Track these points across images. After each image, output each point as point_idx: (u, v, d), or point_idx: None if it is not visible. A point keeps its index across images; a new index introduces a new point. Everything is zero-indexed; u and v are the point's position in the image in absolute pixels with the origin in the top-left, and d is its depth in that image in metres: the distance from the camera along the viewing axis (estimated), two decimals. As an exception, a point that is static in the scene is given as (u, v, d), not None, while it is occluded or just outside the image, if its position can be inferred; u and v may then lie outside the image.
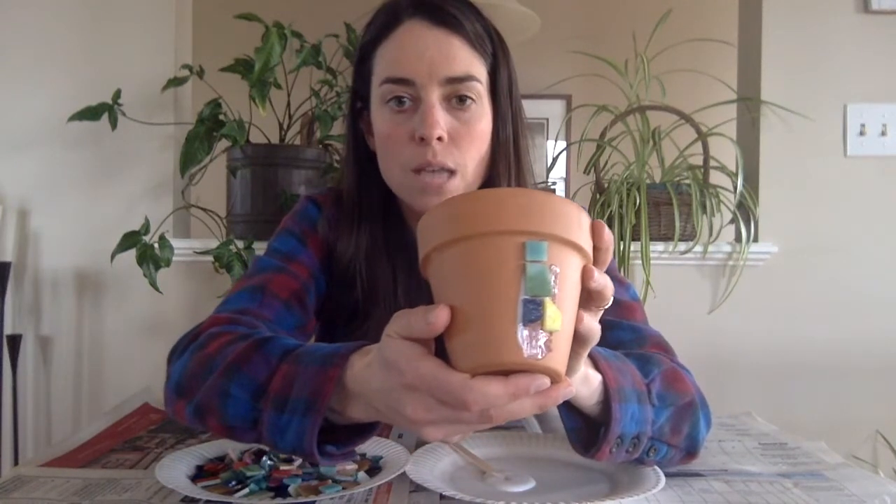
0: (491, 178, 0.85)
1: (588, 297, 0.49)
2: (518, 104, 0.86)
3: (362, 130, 0.89)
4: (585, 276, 0.48)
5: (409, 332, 0.47)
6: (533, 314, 0.43)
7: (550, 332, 0.43)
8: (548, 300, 0.43)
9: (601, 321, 0.52)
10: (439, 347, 0.47)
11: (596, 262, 0.49)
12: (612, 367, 0.62)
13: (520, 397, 0.45)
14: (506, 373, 0.44)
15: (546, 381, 0.45)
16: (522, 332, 0.43)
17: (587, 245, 0.47)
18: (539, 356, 0.43)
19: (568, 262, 0.46)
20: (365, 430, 0.61)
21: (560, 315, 0.44)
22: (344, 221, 0.90)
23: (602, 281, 0.49)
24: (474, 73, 0.80)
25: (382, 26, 0.82)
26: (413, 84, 0.78)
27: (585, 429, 0.65)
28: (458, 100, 0.79)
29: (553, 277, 0.44)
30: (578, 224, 0.47)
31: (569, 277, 0.46)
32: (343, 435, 0.60)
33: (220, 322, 0.73)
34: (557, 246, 0.45)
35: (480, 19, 0.82)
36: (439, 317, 0.45)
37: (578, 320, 0.48)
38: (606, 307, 0.51)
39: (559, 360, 0.45)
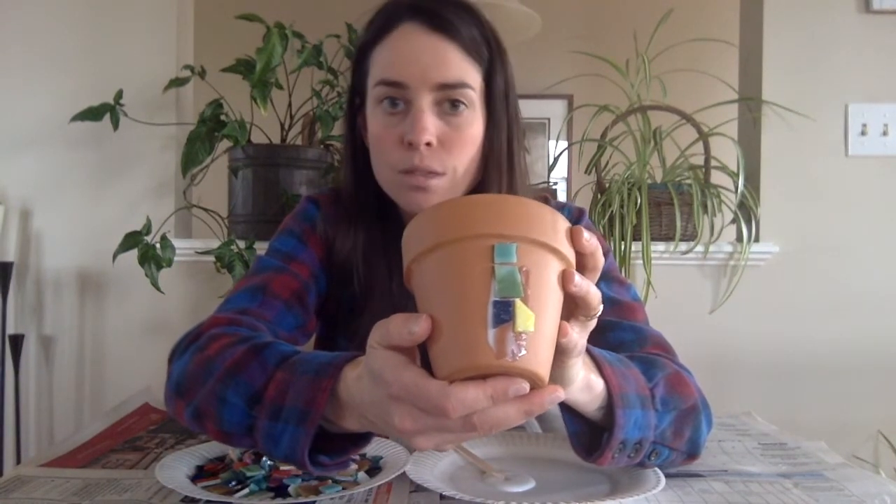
0: (483, 183, 0.85)
1: (574, 305, 0.48)
2: (514, 110, 0.86)
3: (360, 127, 0.90)
4: (565, 280, 0.47)
5: (388, 342, 0.47)
6: (503, 315, 0.43)
7: (524, 334, 0.43)
8: (518, 301, 0.43)
9: (601, 321, 0.52)
10: (425, 357, 0.47)
11: (584, 268, 0.49)
12: (617, 373, 0.61)
13: (499, 401, 0.44)
14: (484, 378, 0.44)
15: (524, 384, 0.44)
16: (493, 335, 0.43)
17: (565, 249, 0.47)
18: (512, 358, 0.43)
19: (541, 263, 0.45)
20: (359, 439, 0.61)
21: (532, 316, 0.43)
22: (342, 219, 0.90)
23: (584, 286, 0.47)
24: (467, 80, 0.80)
25: (380, 28, 0.82)
26: (406, 87, 0.78)
27: (588, 433, 0.64)
28: (450, 105, 0.79)
29: (523, 279, 0.44)
30: (553, 227, 0.46)
31: (543, 279, 0.45)
32: (338, 443, 0.60)
33: (220, 323, 0.73)
34: (528, 247, 0.45)
35: (478, 24, 0.82)
36: (421, 326, 0.45)
37: (562, 334, 0.47)
38: (596, 315, 0.50)
39: (537, 363, 0.44)
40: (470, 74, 0.80)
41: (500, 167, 0.84)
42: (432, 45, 0.79)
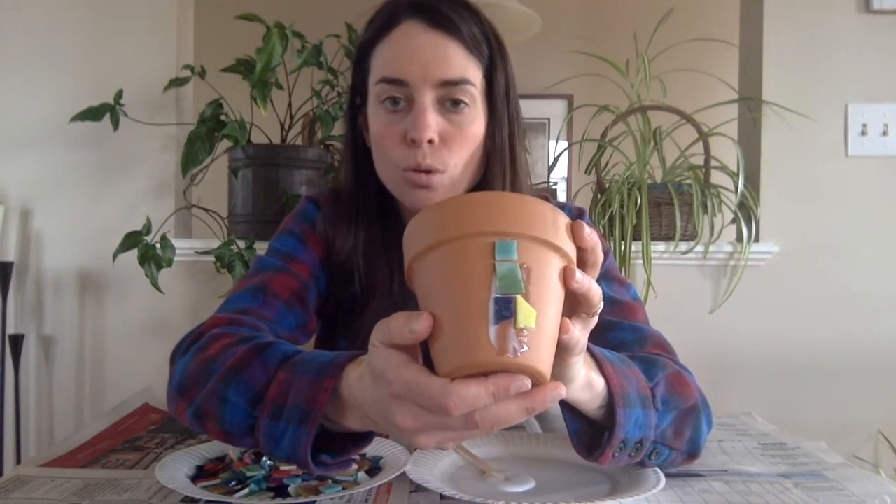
0: (486, 181, 0.85)
1: (575, 302, 0.49)
2: (515, 107, 0.86)
3: (361, 126, 0.90)
4: (567, 276, 0.47)
5: (390, 340, 0.47)
6: (504, 312, 0.43)
7: (525, 330, 0.43)
8: (519, 298, 0.43)
9: (602, 321, 0.52)
10: (427, 355, 0.47)
11: (584, 263, 0.49)
12: (618, 372, 0.62)
13: (501, 398, 0.44)
14: (486, 375, 0.44)
15: (526, 381, 0.44)
16: (494, 331, 0.43)
17: (566, 245, 0.47)
18: (514, 355, 0.43)
19: (542, 260, 0.45)
20: (361, 438, 0.61)
21: (534, 313, 0.43)
22: (342, 217, 0.90)
23: (585, 282, 0.47)
24: (468, 77, 0.80)
25: (381, 26, 0.82)
26: (407, 85, 0.79)
27: (589, 432, 0.64)
28: (451, 102, 0.80)
29: (524, 275, 0.44)
30: (553, 224, 0.46)
31: (544, 276, 0.45)
32: (340, 442, 0.60)
33: (221, 323, 0.73)
34: (529, 244, 0.45)
35: (478, 22, 0.82)
36: (422, 324, 0.45)
37: (563, 331, 0.47)
38: (597, 312, 0.50)
39: (539, 359, 0.44)
40: (471, 71, 0.80)
41: (502, 164, 0.85)
42: (433, 43, 0.79)
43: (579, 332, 0.50)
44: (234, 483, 0.67)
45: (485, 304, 0.43)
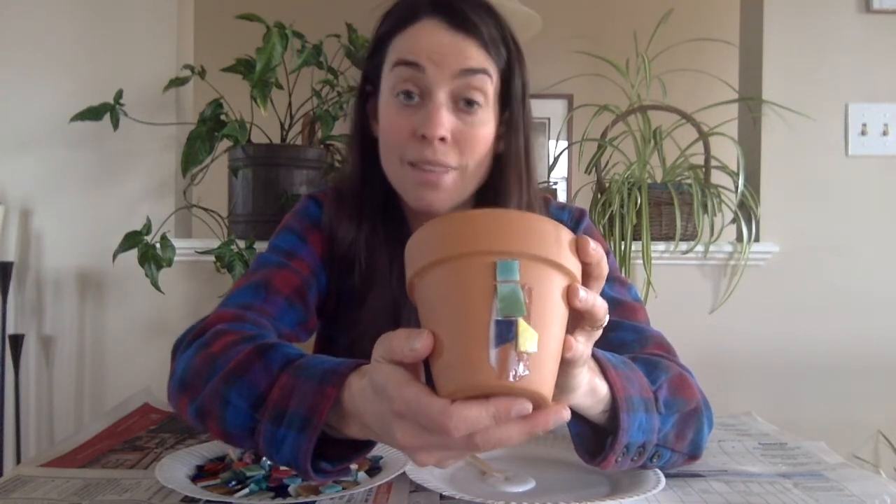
0: (501, 187, 0.84)
1: (580, 317, 0.48)
2: (529, 112, 0.86)
3: (368, 116, 0.89)
4: (570, 296, 0.46)
5: (391, 357, 0.46)
6: (505, 335, 0.42)
7: (526, 354, 0.42)
8: (521, 321, 0.42)
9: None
10: (429, 370, 0.47)
11: (588, 277, 0.48)
12: (621, 376, 0.61)
13: (502, 421, 0.43)
14: (486, 397, 0.43)
15: (527, 404, 0.43)
16: (495, 354, 0.42)
17: (569, 262, 0.46)
18: (515, 378, 0.42)
19: (544, 280, 0.44)
20: (362, 445, 0.60)
21: (535, 336, 0.42)
22: (345, 213, 0.90)
23: (590, 299, 0.47)
24: (487, 69, 0.79)
25: (400, 20, 0.82)
26: (424, 70, 0.78)
27: (592, 435, 0.64)
28: (465, 102, 0.79)
29: (526, 297, 0.43)
30: (556, 241, 0.45)
31: (547, 296, 0.44)
32: (340, 448, 0.60)
33: (225, 318, 0.73)
34: (531, 264, 0.44)
35: (498, 26, 0.82)
36: (423, 343, 0.44)
37: (567, 349, 0.46)
38: (602, 325, 0.50)
39: (541, 382, 0.43)
40: (489, 68, 0.80)
41: (518, 171, 0.84)
42: (452, 41, 0.79)
43: (583, 347, 0.49)
44: (234, 483, 0.67)
45: (486, 325, 0.42)
